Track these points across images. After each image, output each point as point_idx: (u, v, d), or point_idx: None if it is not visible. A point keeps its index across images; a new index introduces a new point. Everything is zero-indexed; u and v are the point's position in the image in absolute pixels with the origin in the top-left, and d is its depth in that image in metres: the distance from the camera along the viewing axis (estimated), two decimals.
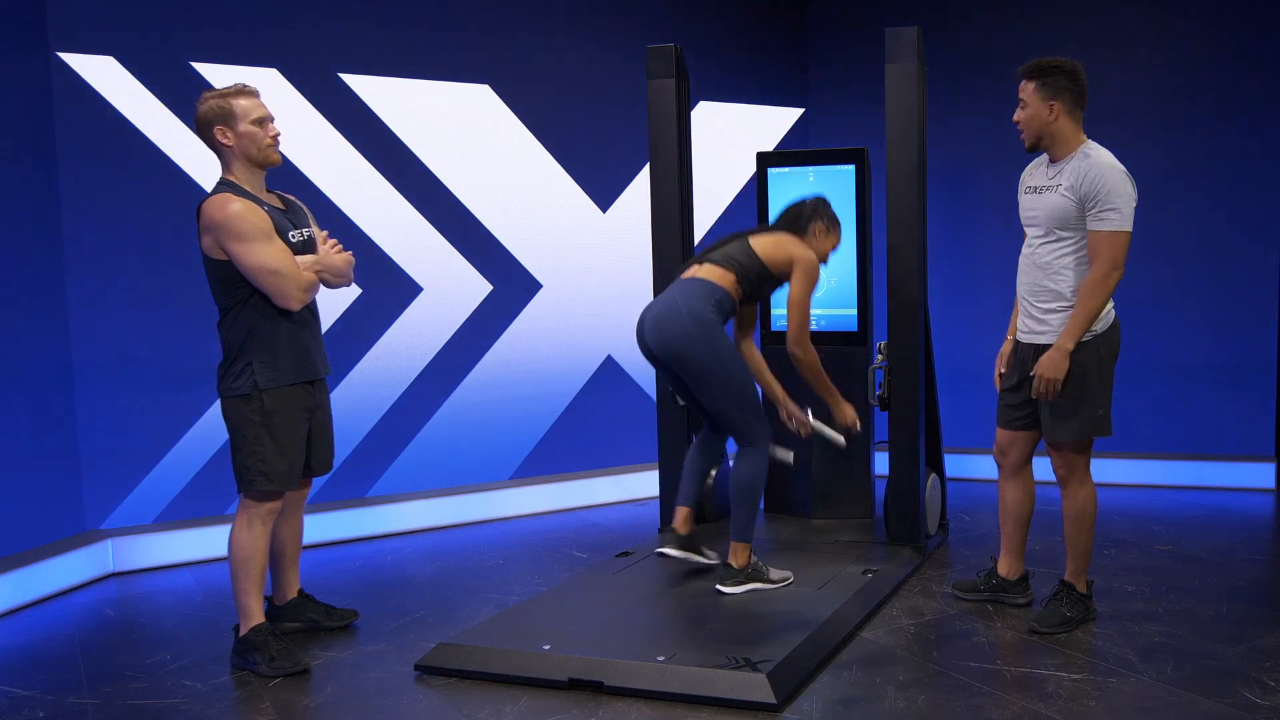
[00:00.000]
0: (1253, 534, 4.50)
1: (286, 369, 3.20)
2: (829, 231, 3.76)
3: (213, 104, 3.13)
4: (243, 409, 3.17)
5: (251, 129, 3.13)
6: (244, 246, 3.05)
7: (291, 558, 3.52)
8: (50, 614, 3.84)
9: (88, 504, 4.30)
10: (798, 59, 5.93)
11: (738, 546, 3.58)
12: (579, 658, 3.00)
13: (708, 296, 3.50)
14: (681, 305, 3.47)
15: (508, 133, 5.15)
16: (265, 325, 3.16)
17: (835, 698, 2.87)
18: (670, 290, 3.59)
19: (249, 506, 3.20)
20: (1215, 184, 5.29)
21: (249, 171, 3.18)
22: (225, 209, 3.05)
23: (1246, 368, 5.31)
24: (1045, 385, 3.21)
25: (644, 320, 3.57)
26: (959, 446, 5.32)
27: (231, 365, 3.19)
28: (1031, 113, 3.26)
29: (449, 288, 5.04)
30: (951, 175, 5.43)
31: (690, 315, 3.44)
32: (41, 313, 4.12)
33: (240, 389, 3.16)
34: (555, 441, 5.35)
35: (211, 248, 3.10)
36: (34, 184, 4.09)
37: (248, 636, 3.20)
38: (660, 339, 3.48)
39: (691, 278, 3.59)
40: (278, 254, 3.10)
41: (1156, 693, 2.84)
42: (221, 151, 3.17)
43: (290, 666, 3.16)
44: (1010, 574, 3.61)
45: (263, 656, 3.17)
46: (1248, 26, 5.20)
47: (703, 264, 3.62)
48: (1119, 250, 3.15)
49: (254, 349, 3.16)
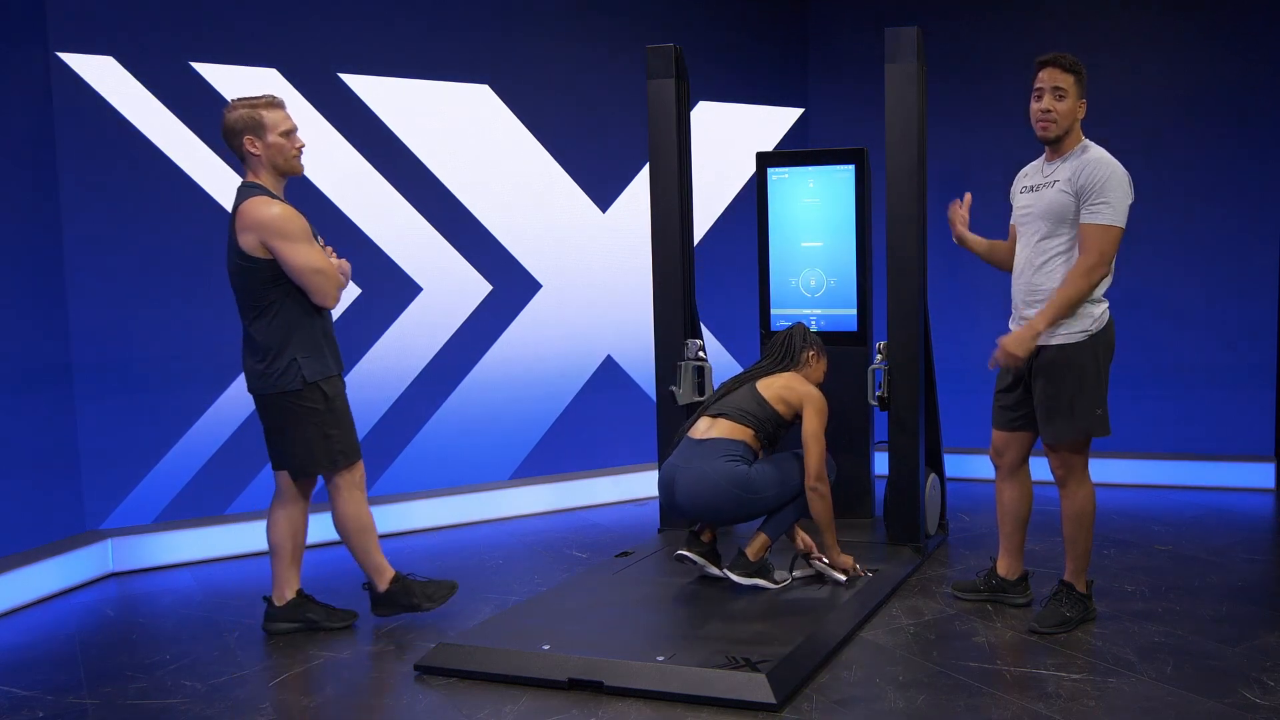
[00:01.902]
0: (1252, 534, 4.51)
1: (329, 361, 3.37)
2: (820, 357, 3.88)
3: (243, 113, 3.26)
4: (297, 402, 3.30)
5: (280, 141, 3.28)
6: (292, 246, 3.21)
7: (293, 556, 3.53)
8: (50, 614, 3.84)
9: (88, 504, 4.30)
10: (797, 59, 5.93)
11: (762, 540, 3.63)
12: (579, 658, 3.00)
13: (731, 455, 3.57)
14: (710, 470, 3.54)
15: (507, 133, 5.15)
16: (305, 321, 3.31)
17: (835, 698, 2.87)
18: (691, 454, 3.61)
19: (341, 484, 3.40)
20: (1214, 184, 5.29)
21: (274, 178, 3.33)
22: (271, 210, 3.20)
23: (1246, 368, 5.32)
24: (1004, 357, 3.18)
25: (674, 487, 3.62)
26: (959, 446, 5.32)
27: (274, 362, 3.29)
28: (1070, 105, 3.21)
29: (448, 288, 5.04)
30: (951, 174, 5.43)
31: (724, 475, 3.53)
32: (41, 312, 4.12)
33: (290, 384, 3.29)
34: (555, 441, 5.35)
35: (255, 247, 3.22)
36: (33, 184, 4.09)
37: (391, 589, 3.48)
38: (704, 503, 3.57)
39: (715, 439, 3.62)
40: (319, 255, 3.28)
41: (1156, 693, 2.84)
42: (248, 159, 3.30)
43: (444, 592, 3.55)
44: (1009, 574, 3.61)
45: (415, 596, 3.49)
46: (1247, 27, 5.20)
47: (717, 419, 3.66)
48: (1108, 245, 3.13)
49: (296, 345, 3.29)
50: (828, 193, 4.54)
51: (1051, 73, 3.21)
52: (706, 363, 4.42)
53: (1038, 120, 3.24)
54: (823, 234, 4.56)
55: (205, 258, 4.43)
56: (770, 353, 3.87)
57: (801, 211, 4.57)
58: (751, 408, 3.67)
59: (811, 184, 4.56)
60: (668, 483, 3.66)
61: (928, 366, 4.27)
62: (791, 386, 3.71)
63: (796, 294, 4.61)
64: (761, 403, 3.67)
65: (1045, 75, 3.22)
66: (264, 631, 3.51)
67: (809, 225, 4.57)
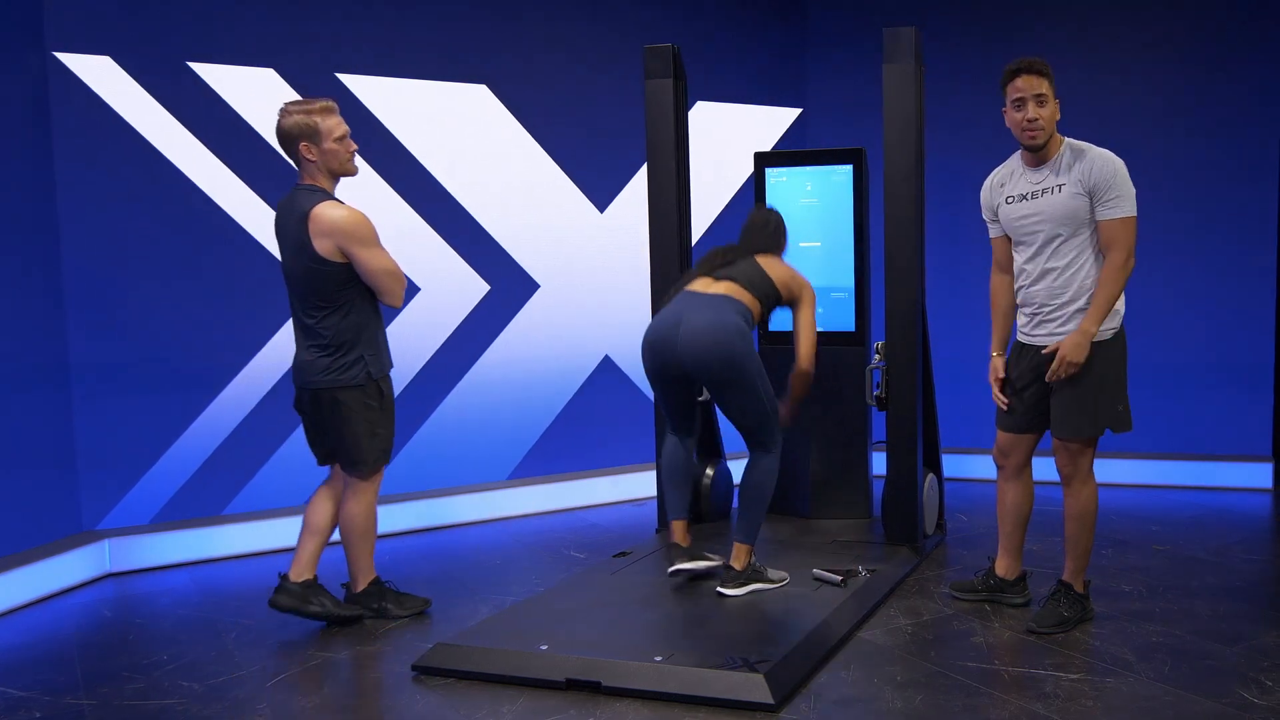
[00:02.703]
0: (1250, 534, 4.51)
1: (387, 360, 3.54)
2: (786, 239, 3.90)
3: (299, 119, 3.36)
4: (360, 397, 3.44)
5: (335, 147, 3.39)
6: (371, 251, 3.35)
7: (320, 544, 3.60)
8: (47, 614, 3.84)
9: (85, 504, 4.30)
10: (795, 59, 5.93)
11: (741, 548, 3.57)
12: (576, 658, 3.00)
13: (740, 314, 3.54)
14: (723, 320, 3.47)
15: (505, 133, 5.15)
16: (373, 320, 3.48)
17: (833, 698, 2.87)
18: (698, 303, 3.55)
19: (364, 486, 3.53)
20: (1212, 184, 5.30)
21: (329, 181, 3.44)
22: (346, 215, 3.32)
23: (1244, 368, 5.32)
24: (1065, 368, 3.18)
25: (676, 332, 3.50)
26: (957, 446, 5.32)
27: (343, 357, 3.42)
28: (1051, 109, 3.22)
29: (446, 288, 5.04)
30: (949, 175, 5.43)
31: (736, 330, 3.47)
32: (38, 312, 4.11)
33: (355, 379, 3.42)
34: (553, 442, 5.35)
35: (332, 251, 3.32)
36: (31, 184, 4.08)
37: (369, 589, 3.60)
38: (706, 350, 3.45)
39: (721, 295, 3.58)
40: (391, 258, 3.43)
41: (1154, 692, 2.84)
42: (304, 164, 3.40)
43: (419, 605, 3.64)
44: (1008, 574, 3.61)
45: (387, 601, 3.60)
46: (1248, 26, 5.20)
47: (720, 281, 3.63)
48: (1132, 237, 3.16)
49: (365, 342, 3.44)
50: (826, 193, 4.54)
51: (1029, 80, 3.20)
52: None
53: (1024, 130, 3.22)
54: (821, 234, 4.56)
55: (202, 258, 4.43)
56: (756, 231, 3.80)
57: (799, 211, 4.57)
58: (757, 279, 3.62)
59: (809, 185, 4.56)
60: (667, 331, 3.51)
61: (925, 366, 4.27)
62: (794, 274, 3.71)
63: None
64: (766, 278, 3.63)
65: (1023, 83, 3.21)
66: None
67: (807, 225, 4.57)
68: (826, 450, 4.54)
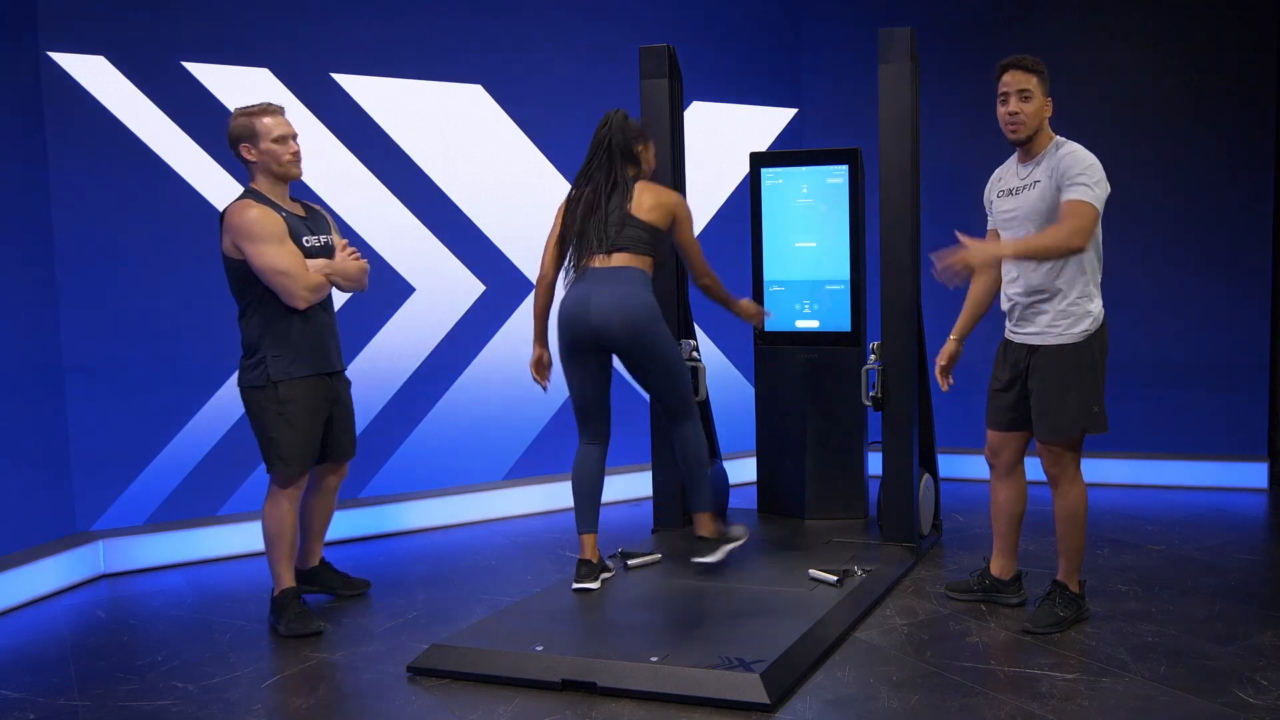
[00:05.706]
0: (1245, 533, 4.51)
1: (301, 362, 3.45)
2: (647, 141, 3.77)
3: (240, 122, 3.41)
4: (260, 398, 3.43)
5: (273, 147, 3.41)
6: (256, 248, 3.31)
7: (317, 533, 3.82)
8: (41, 616, 3.83)
9: (78, 505, 4.29)
10: (791, 59, 5.93)
11: (703, 517, 3.74)
12: (572, 658, 3.00)
13: (645, 284, 3.61)
14: (632, 294, 3.55)
15: (500, 132, 5.14)
16: (279, 321, 3.42)
17: (829, 698, 2.86)
18: (604, 281, 3.57)
19: (274, 489, 3.51)
20: (1207, 184, 5.30)
21: (271, 183, 3.46)
22: (243, 214, 3.33)
23: (1239, 367, 5.33)
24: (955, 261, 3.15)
25: (587, 309, 3.54)
26: (953, 447, 5.32)
27: (248, 358, 3.46)
28: (1037, 106, 3.24)
29: (441, 288, 5.03)
30: (944, 174, 5.43)
31: (645, 303, 3.56)
32: (32, 313, 4.10)
33: (256, 380, 3.43)
34: (549, 442, 5.34)
35: (230, 248, 3.37)
36: (24, 183, 4.07)
37: (277, 598, 3.53)
38: (619, 324, 3.52)
39: (622, 267, 3.59)
40: (287, 256, 3.35)
41: (1149, 692, 2.85)
42: (247, 165, 3.45)
43: (300, 629, 3.45)
44: (1003, 574, 3.61)
45: (283, 617, 3.48)
46: (1242, 26, 5.21)
47: (612, 254, 3.61)
48: (1084, 219, 3.10)
49: (269, 343, 3.41)
50: (821, 193, 4.54)
51: (1015, 75, 3.24)
52: (700, 363, 4.41)
53: (1006, 124, 3.28)
54: (817, 234, 4.56)
55: (196, 258, 4.41)
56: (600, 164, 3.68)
57: (795, 211, 4.57)
58: (639, 234, 3.62)
59: (805, 185, 4.55)
60: (578, 306, 3.55)
61: (921, 367, 4.27)
62: (659, 200, 3.67)
63: (790, 294, 4.61)
64: (645, 226, 3.64)
65: (1009, 79, 3.25)
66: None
67: (803, 225, 4.57)
68: (823, 450, 4.54)
